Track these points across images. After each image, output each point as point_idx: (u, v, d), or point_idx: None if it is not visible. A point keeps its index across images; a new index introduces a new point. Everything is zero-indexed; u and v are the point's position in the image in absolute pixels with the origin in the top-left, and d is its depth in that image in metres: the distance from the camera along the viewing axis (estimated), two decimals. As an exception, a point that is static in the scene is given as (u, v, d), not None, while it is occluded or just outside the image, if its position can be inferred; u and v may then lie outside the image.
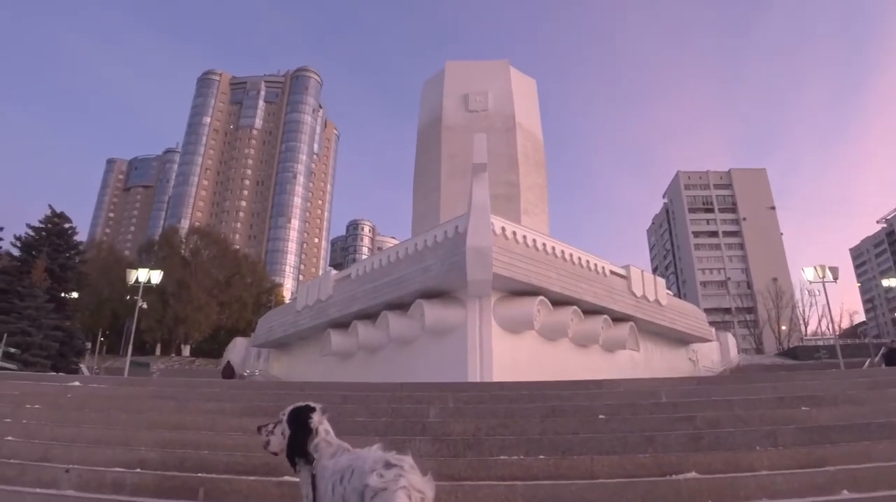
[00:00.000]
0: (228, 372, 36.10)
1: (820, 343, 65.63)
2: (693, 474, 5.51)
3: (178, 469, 6.44)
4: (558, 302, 24.03)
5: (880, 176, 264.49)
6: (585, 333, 25.44)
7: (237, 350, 46.16)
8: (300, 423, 3.36)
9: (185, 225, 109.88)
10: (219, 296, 72.74)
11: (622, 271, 28.75)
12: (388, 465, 2.71)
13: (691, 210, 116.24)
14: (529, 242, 23.48)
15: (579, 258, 25.79)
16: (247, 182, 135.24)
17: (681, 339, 34.77)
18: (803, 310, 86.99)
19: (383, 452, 2.89)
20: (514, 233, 23.00)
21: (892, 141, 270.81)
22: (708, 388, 9.51)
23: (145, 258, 71.13)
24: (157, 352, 70.42)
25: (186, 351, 72.26)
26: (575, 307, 24.82)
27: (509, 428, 7.35)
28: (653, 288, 30.27)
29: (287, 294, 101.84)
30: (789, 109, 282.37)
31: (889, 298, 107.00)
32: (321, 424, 3.39)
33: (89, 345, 56.30)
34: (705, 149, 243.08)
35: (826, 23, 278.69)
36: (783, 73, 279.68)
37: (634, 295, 28.57)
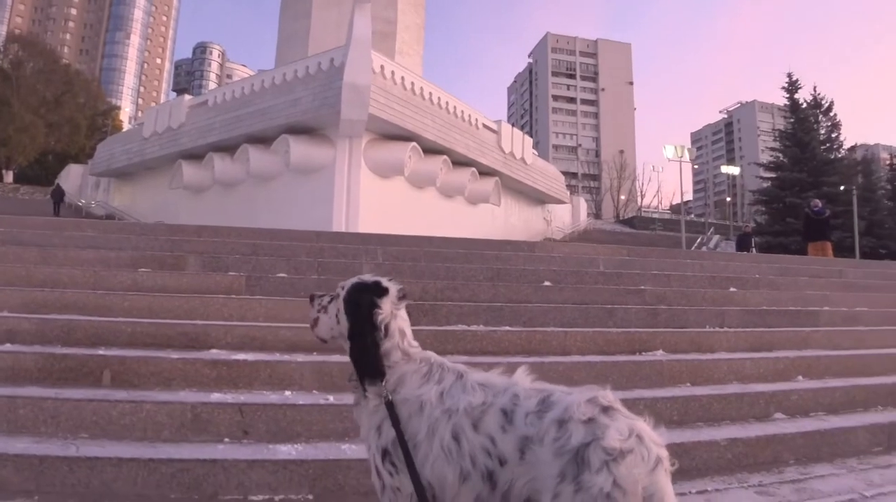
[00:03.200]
0: (58, 194, 33.51)
1: (655, 216, 71.03)
2: (661, 352, 5.45)
3: (65, 342, 4.67)
4: (430, 150, 23.53)
5: (728, 69, 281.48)
6: (453, 184, 25.40)
7: (71, 178, 41.92)
8: (362, 313, 1.89)
9: (1, 31, 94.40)
10: (46, 117, 64.46)
11: (494, 125, 28.58)
12: (606, 410, 1.58)
13: (554, 73, 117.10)
14: (407, 84, 22.37)
15: (454, 107, 25.13)
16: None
17: (539, 199, 35.90)
18: (642, 184, 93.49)
19: (549, 387, 1.74)
20: (393, 73, 21.74)
21: (744, 35, 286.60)
22: (641, 261, 9.39)
23: (-47, 67, 61.13)
24: (-27, 177, 62.62)
25: (9, 177, 64.64)
26: (445, 157, 24.50)
27: (458, 291, 6.51)
28: (521, 145, 30.55)
29: (125, 118, 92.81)
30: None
31: (717, 183, 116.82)
32: (394, 318, 1.91)
33: None
34: (575, 15, 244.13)
35: None
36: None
37: (503, 150, 28.68)
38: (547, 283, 7.26)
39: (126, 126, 70.50)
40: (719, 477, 3.83)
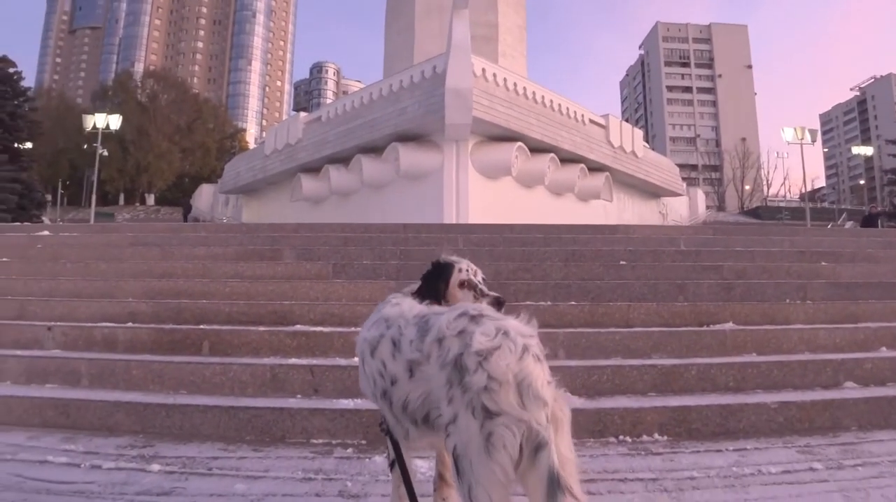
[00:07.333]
0: (186, 208, 39.74)
1: (783, 204, 66.92)
2: (730, 324, 5.43)
3: (174, 321, 5.78)
4: (536, 149, 23.50)
5: (858, 44, 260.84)
6: (561, 182, 25.20)
7: (204, 196, 45.22)
8: None
9: (139, 69, 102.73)
10: (181, 143, 70.57)
11: (601, 120, 28.08)
12: (474, 319, 1.85)
13: (667, 63, 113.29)
14: (510, 86, 22.48)
15: (559, 104, 24.95)
16: (203, 21, 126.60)
17: (653, 192, 34.88)
18: (767, 172, 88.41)
19: (427, 311, 2.12)
20: (495, 76, 21.93)
21: (874, 7, 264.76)
22: (725, 239, 9.33)
23: (99, 105, 66.92)
24: (121, 201, 69.16)
25: (150, 200, 70.98)
26: (552, 155, 24.35)
27: (531, 272, 6.94)
28: (630, 139, 29.83)
29: (251, 139, 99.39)
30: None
31: (851, 166, 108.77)
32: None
33: (49, 197, 54.51)
34: (685, 1, 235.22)
35: None
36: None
37: (612, 145, 28.12)
38: (622, 262, 7.32)
39: (252, 146, 75.05)
40: (765, 438, 3.79)
